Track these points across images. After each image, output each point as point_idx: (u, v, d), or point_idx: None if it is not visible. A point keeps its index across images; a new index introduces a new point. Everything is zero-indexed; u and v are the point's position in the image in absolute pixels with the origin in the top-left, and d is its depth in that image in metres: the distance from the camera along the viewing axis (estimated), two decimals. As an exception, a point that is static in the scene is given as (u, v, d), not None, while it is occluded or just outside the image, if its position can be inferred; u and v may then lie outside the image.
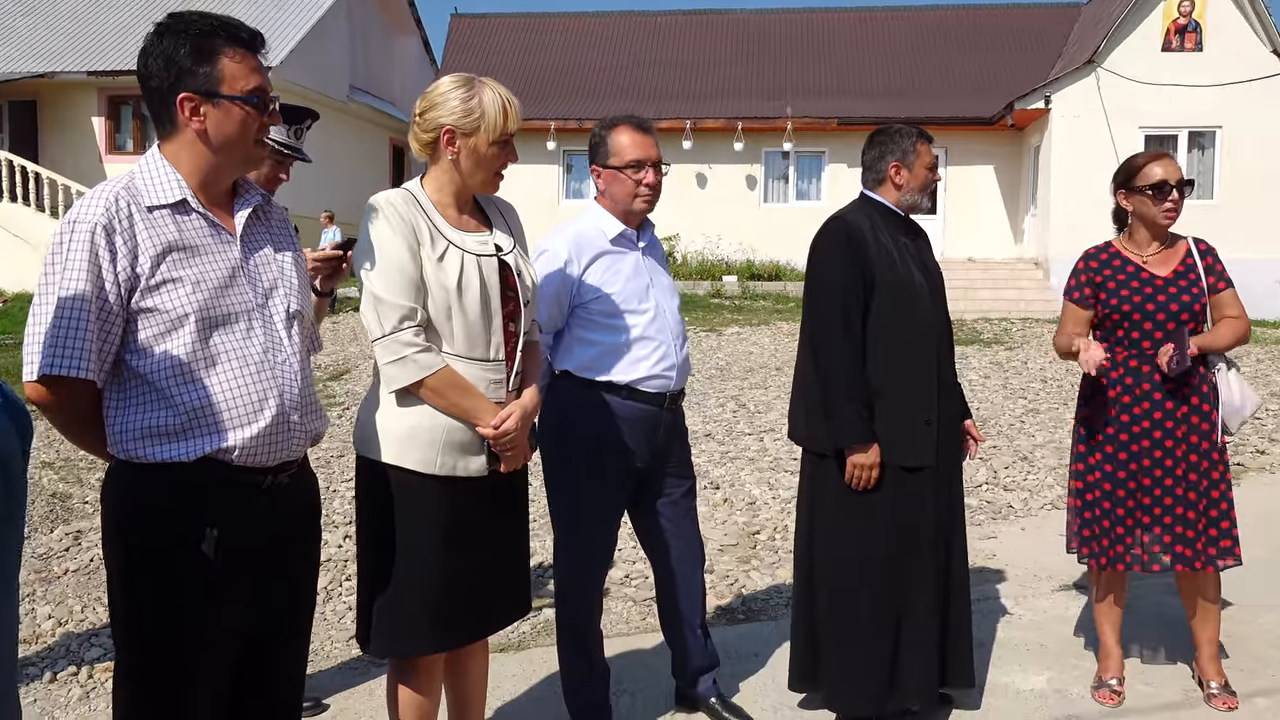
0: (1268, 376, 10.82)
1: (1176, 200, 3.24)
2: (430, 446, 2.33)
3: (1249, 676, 3.53)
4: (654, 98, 20.83)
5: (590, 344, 2.93)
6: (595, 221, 2.99)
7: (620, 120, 2.98)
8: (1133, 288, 3.28)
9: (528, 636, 3.93)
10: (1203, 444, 3.25)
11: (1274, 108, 16.33)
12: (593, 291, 2.91)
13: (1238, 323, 3.28)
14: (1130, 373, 3.28)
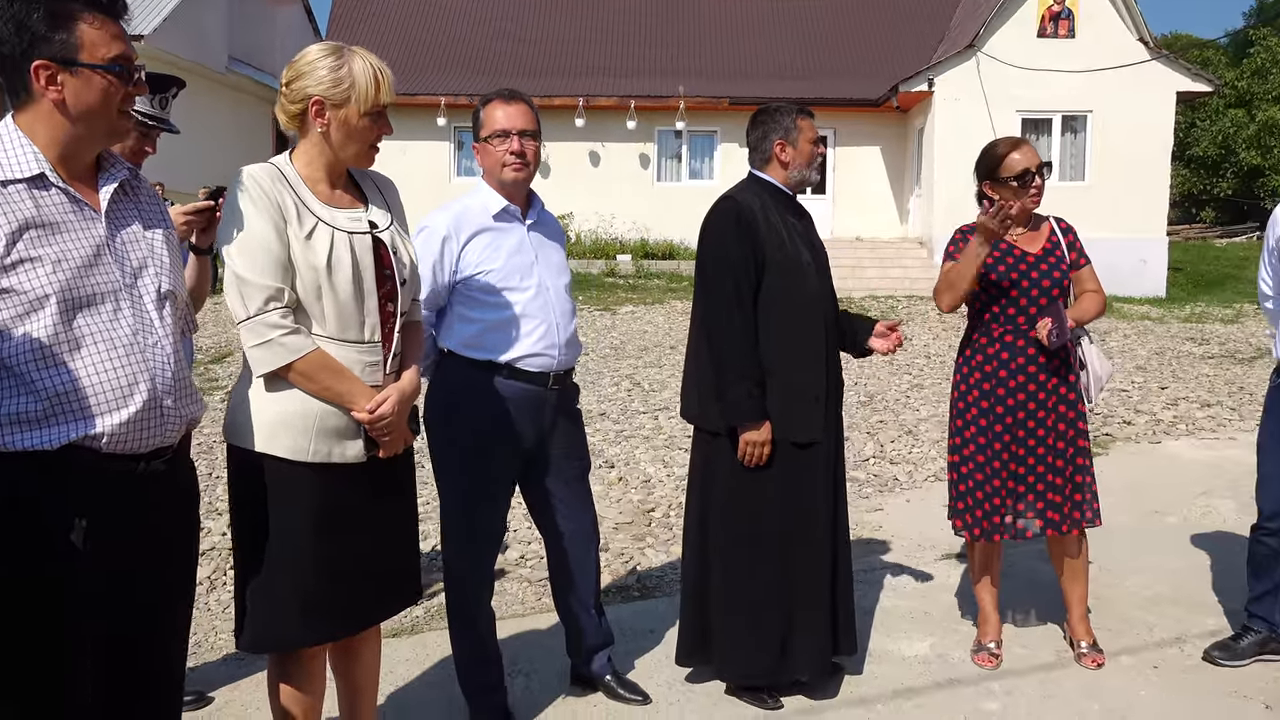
0: (1133, 350, 11.39)
1: (1039, 185, 3.37)
2: (302, 433, 2.25)
3: (1115, 636, 3.72)
4: (547, 74, 20.63)
5: (471, 321, 2.90)
6: (480, 198, 2.96)
7: (492, 95, 2.96)
8: (1008, 264, 3.40)
9: (421, 620, 3.88)
10: (1070, 413, 3.40)
11: (1141, 94, 17.10)
12: (473, 268, 2.87)
13: (1098, 296, 3.46)
14: (1006, 347, 3.40)
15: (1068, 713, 3.15)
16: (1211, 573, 4.44)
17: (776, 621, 3.12)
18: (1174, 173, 23.28)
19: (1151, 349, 11.55)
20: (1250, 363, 10.49)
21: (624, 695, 3.20)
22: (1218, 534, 4.98)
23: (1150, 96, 17.15)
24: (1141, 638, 3.74)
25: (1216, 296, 17.00)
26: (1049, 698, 3.25)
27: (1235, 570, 3.88)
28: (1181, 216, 32.35)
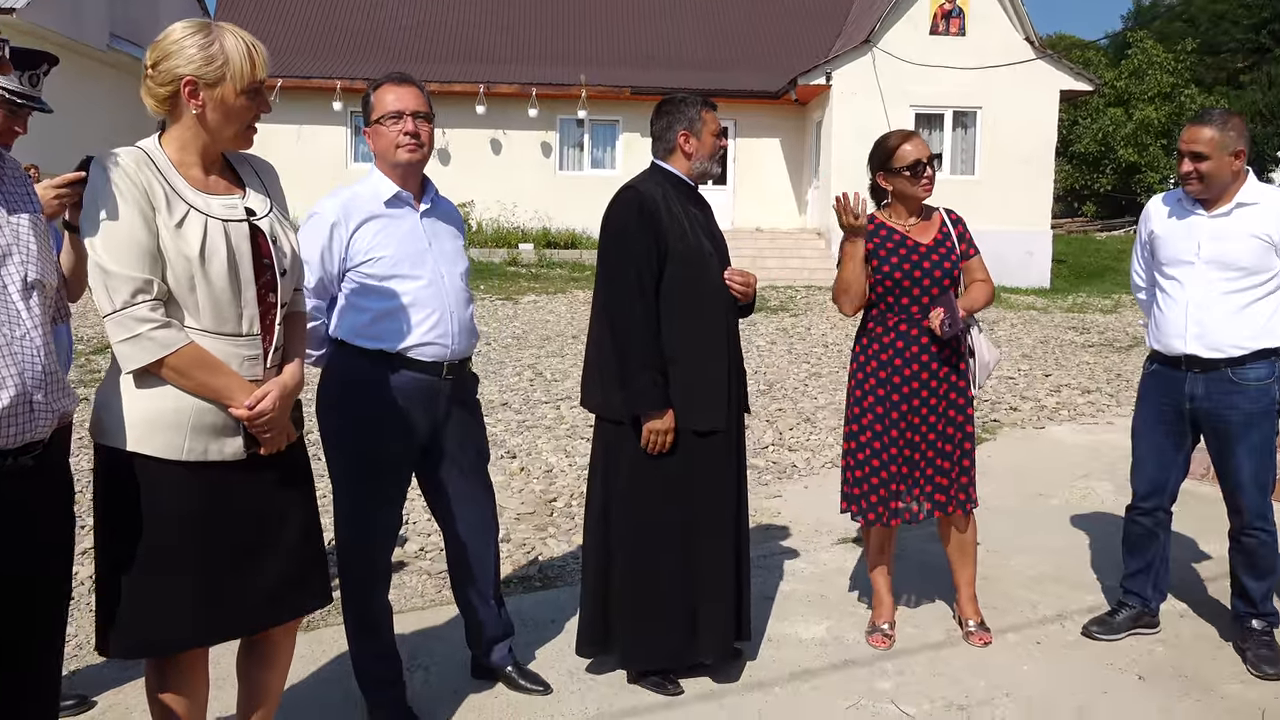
0: (1019, 339, 11.82)
1: (930, 175, 3.46)
2: (176, 430, 2.15)
3: (1001, 614, 3.86)
4: (447, 60, 20.33)
5: (362, 310, 2.84)
6: (370, 184, 2.90)
7: (383, 79, 2.91)
8: (901, 255, 3.49)
9: (317, 617, 3.79)
10: (959, 399, 3.51)
11: (1027, 91, 17.71)
12: (363, 255, 2.81)
13: (987, 286, 3.57)
14: (900, 336, 3.49)
15: (956, 690, 3.26)
16: (1090, 552, 4.64)
17: (679, 608, 3.15)
18: (1058, 168, 24.22)
19: (1037, 338, 12.01)
20: (1127, 351, 11.00)
21: (525, 685, 3.19)
22: (1096, 515, 5.21)
23: (1036, 94, 17.79)
24: (1025, 615, 3.89)
25: (1097, 287, 17.76)
26: (938, 675, 3.36)
27: (1112, 549, 4.07)
28: (1065, 210, 33.64)
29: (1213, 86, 38.15)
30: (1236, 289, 3.34)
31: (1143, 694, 3.25)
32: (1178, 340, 3.43)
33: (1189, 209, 3.45)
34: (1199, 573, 4.37)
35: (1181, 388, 3.45)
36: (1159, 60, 32.45)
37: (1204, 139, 3.30)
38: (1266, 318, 3.35)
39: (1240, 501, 3.43)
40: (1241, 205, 3.35)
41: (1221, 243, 3.35)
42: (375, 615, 2.98)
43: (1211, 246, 3.36)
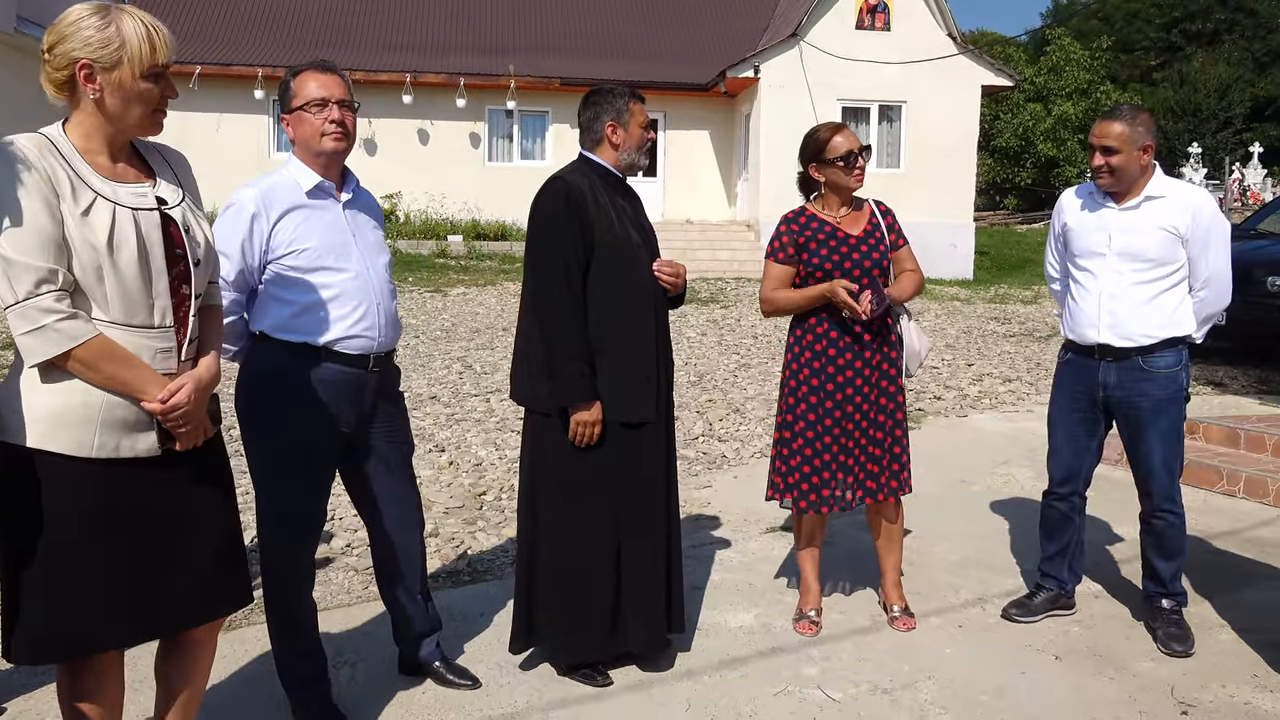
0: (943, 330, 12.06)
1: (862, 166, 3.52)
2: (85, 425, 2.08)
3: (925, 599, 3.95)
4: (372, 49, 20.00)
5: (285, 303, 2.78)
6: (291, 173, 2.84)
7: (304, 65, 2.85)
8: (831, 246, 3.53)
9: (239, 616, 3.71)
10: (890, 387, 3.57)
11: (950, 86, 18.06)
12: (285, 247, 2.75)
13: (916, 275, 3.63)
14: (834, 326, 3.53)
15: (880, 674, 3.32)
16: (1010, 536, 4.76)
17: (606, 601, 3.16)
18: (980, 162, 24.73)
19: (960, 328, 12.26)
20: (1046, 340, 11.29)
21: (453, 680, 3.17)
22: (1016, 500, 5.34)
23: (958, 89, 18.15)
24: (948, 599, 3.97)
25: (1017, 279, 18.19)
26: (864, 660, 3.42)
27: (1031, 534, 4.17)
28: (987, 203, 34.40)
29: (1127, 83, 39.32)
30: (1145, 280, 3.45)
31: (1059, 673, 3.35)
32: (1090, 330, 3.53)
33: (1100, 202, 3.55)
34: (1112, 555, 4.52)
35: (1095, 376, 3.55)
36: (1076, 57, 33.36)
37: (1114, 133, 3.40)
38: (1174, 308, 3.47)
39: (1150, 485, 3.55)
40: (1150, 199, 3.46)
41: (1131, 235, 3.46)
42: (299, 613, 2.93)
43: (1121, 239, 3.47)
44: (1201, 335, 3.56)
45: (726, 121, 20.33)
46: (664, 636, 3.33)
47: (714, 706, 3.10)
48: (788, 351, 3.65)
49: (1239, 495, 5.47)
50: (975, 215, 20.02)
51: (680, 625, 3.38)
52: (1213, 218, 3.46)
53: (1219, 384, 8.89)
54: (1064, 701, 3.15)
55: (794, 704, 3.12)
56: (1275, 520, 5.06)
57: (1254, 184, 26.60)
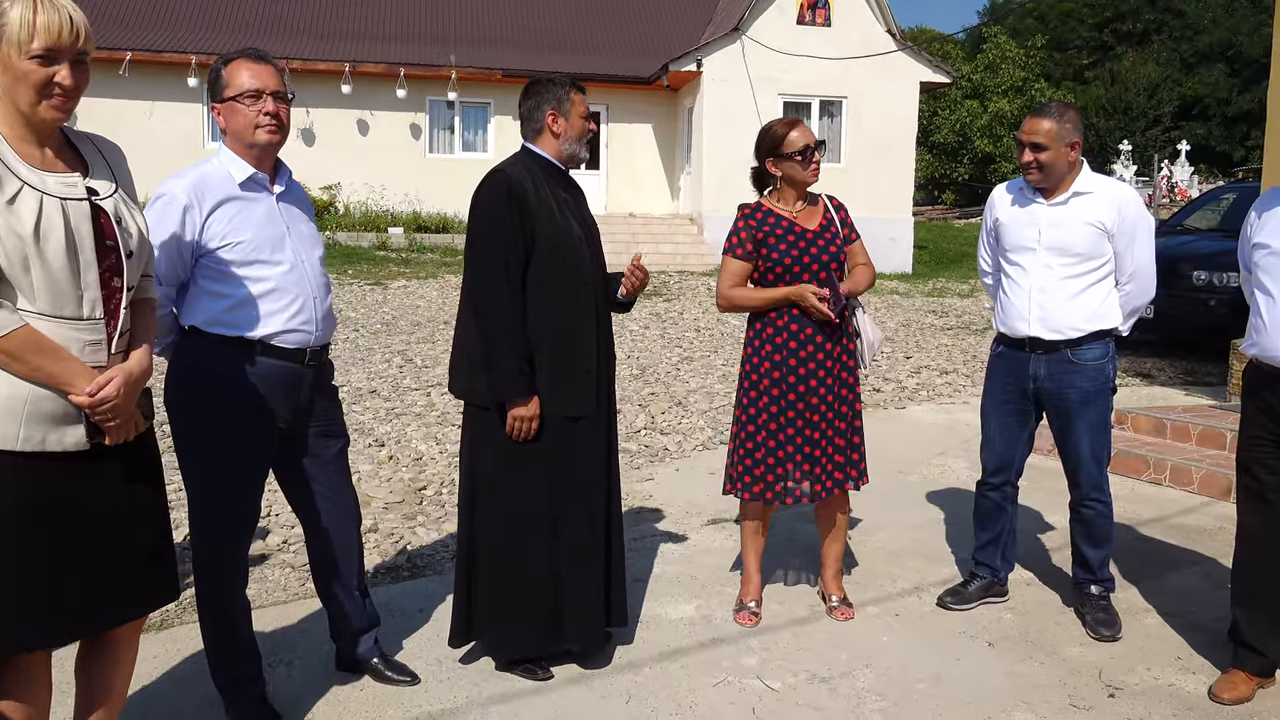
0: (883, 323, 12.22)
1: (818, 160, 3.55)
2: (9, 418, 2.03)
3: (862, 588, 4.00)
4: (310, 37, 19.68)
5: (219, 297, 2.72)
6: (222, 164, 2.77)
7: (236, 54, 2.78)
8: (789, 241, 3.56)
9: (171, 615, 3.64)
10: (849, 379, 3.61)
11: (889, 82, 18.29)
12: (219, 240, 2.69)
13: (868, 269, 3.67)
14: (794, 320, 3.55)
15: (819, 663, 3.36)
16: (946, 526, 4.85)
17: (546, 596, 3.15)
18: (919, 157, 25.06)
19: (899, 321, 12.44)
20: (982, 333, 11.50)
21: (392, 677, 3.14)
22: (952, 490, 5.44)
23: (897, 86, 18.39)
24: (886, 589, 4.03)
25: (955, 273, 18.50)
26: (802, 650, 3.46)
27: (966, 523, 4.25)
28: (925, 198, 34.93)
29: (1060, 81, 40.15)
30: (1074, 274, 3.52)
31: (992, 659, 3.42)
32: (1021, 323, 3.60)
33: (1030, 198, 3.62)
34: (1044, 543, 4.62)
35: (1026, 368, 3.63)
36: (1012, 55, 33.98)
37: (1043, 130, 3.46)
38: (1100, 301, 3.55)
39: (1079, 475, 3.63)
40: (1078, 194, 3.53)
41: (1060, 230, 3.53)
42: (233, 612, 2.88)
43: (1051, 233, 3.54)
44: (1128, 328, 3.65)
45: (669, 115, 20.36)
46: (604, 632, 3.33)
47: (654, 698, 3.11)
48: (747, 345, 3.67)
49: (1165, 483, 5.62)
50: (914, 210, 20.31)
51: (622, 619, 3.37)
52: (1138, 213, 3.54)
53: (1147, 375, 9.13)
54: (997, 687, 3.22)
55: (733, 694, 3.14)
56: (1199, 507, 5.21)
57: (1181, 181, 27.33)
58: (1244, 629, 3.18)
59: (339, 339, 9.65)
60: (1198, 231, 10.88)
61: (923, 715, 3.02)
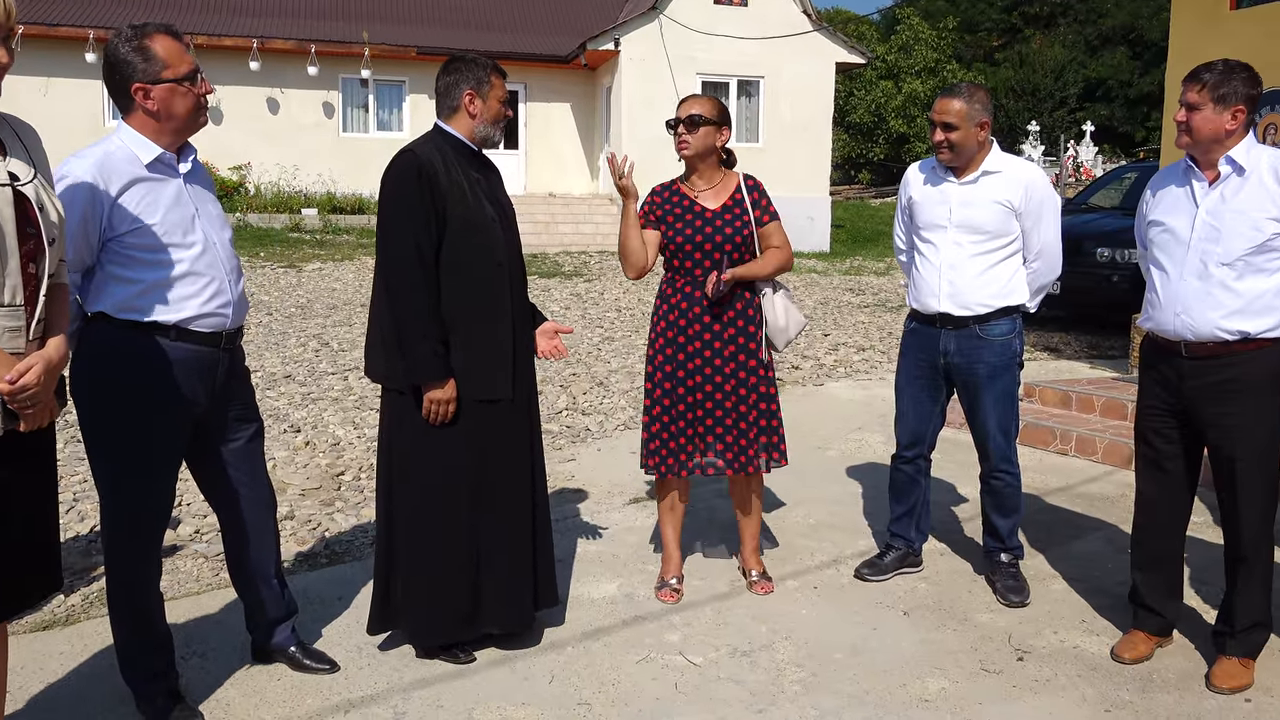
0: (801, 301, 12.37)
1: (681, 134, 3.55)
2: None
3: (781, 563, 4.06)
4: (215, 10, 19.08)
5: (129, 282, 2.62)
6: (125, 144, 2.65)
7: (150, 28, 2.65)
8: (687, 220, 3.57)
9: (78, 610, 3.53)
10: (750, 361, 3.62)
11: (806, 62, 18.46)
12: (128, 223, 2.59)
13: (779, 252, 3.66)
14: (686, 299, 3.58)
15: (740, 637, 3.40)
16: (863, 499, 4.95)
17: (465, 580, 3.12)
18: (835, 137, 25.39)
19: (817, 299, 12.62)
20: (898, 310, 11.73)
21: (310, 665, 3.09)
22: (869, 465, 5.55)
23: (814, 66, 18.57)
24: (804, 562, 4.10)
25: (872, 251, 18.81)
26: (723, 625, 3.50)
27: (883, 496, 4.34)
28: (842, 178, 35.38)
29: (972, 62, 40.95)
30: (982, 251, 3.61)
31: (907, 627, 3.51)
32: (932, 299, 3.68)
33: (941, 176, 3.69)
34: (956, 514, 4.75)
35: (937, 344, 3.71)
36: (925, 36, 34.52)
37: (953, 110, 3.53)
38: (1008, 278, 3.65)
39: (988, 447, 3.74)
40: (987, 173, 3.61)
41: (969, 208, 3.61)
42: (144, 604, 2.80)
43: (961, 212, 3.62)
44: (1035, 304, 3.75)
45: (588, 94, 20.25)
46: (529, 616, 3.30)
47: (577, 678, 3.12)
48: (650, 325, 3.68)
49: (1071, 454, 5.82)
50: (831, 189, 20.58)
51: (552, 600, 3.36)
52: (1044, 193, 3.64)
53: (1055, 350, 9.42)
54: (911, 654, 3.30)
55: (655, 670, 3.17)
56: (1103, 476, 5.41)
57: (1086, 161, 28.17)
58: (1143, 592, 3.32)
59: (252, 323, 9.42)
60: (1101, 210, 11.24)
61: (840, 685, 3.09)
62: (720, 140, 3.60)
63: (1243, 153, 3.01)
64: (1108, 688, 3.09)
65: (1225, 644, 3.15)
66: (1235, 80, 2.97)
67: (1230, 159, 3.01)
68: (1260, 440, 3.05)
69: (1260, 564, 3.10)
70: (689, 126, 3.53)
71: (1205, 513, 4.43)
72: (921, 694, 3.05)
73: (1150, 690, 3.08)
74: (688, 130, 3.54)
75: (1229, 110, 2.97)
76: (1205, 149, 3.04)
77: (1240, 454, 3.04)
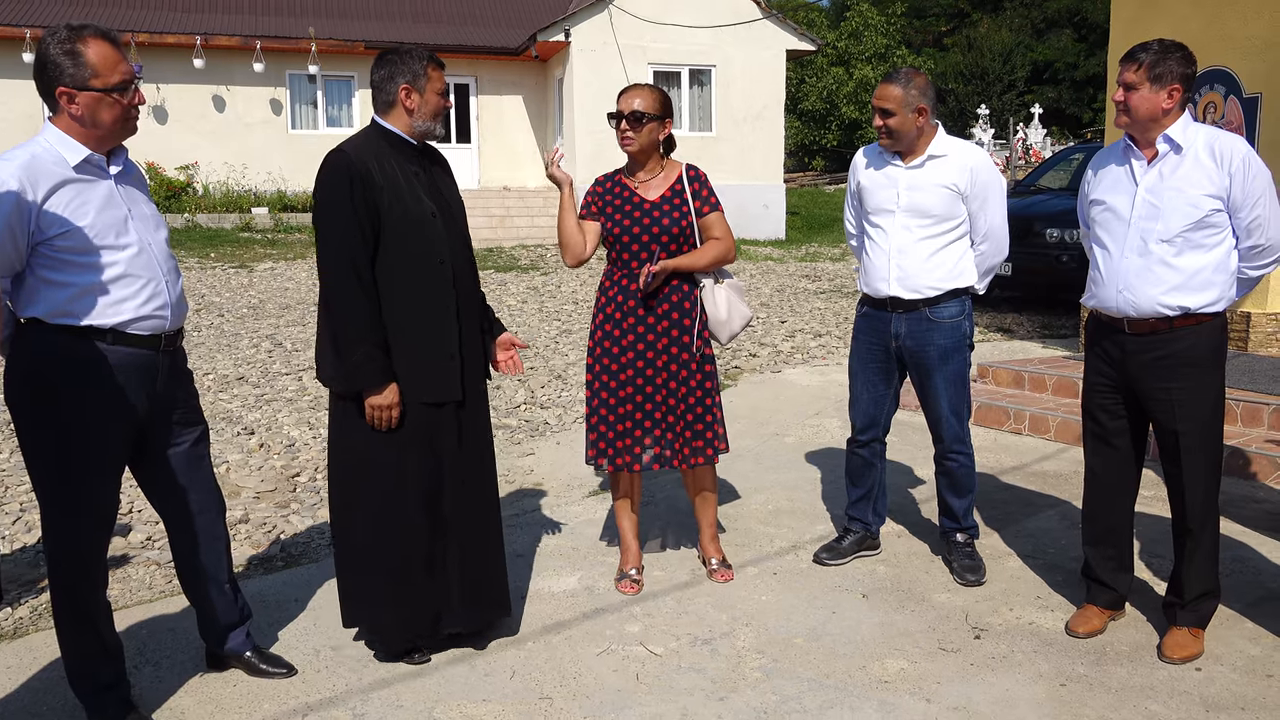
0: (758, 289, 12.42)
1: (625, 130, 3.53)
2: None
3: (741, 550, 4.08)
4: (157, 7, 18.73)
5: (61, 286, 2.56)
6: (51, 145, 2.58)
7: (87, 31, 2.56)
8: (625, 211, 3.56)
9: (26, 622, 3.46)
10: (682, 355, 3.60)
11: (757, 50, 18.49)
12: (57, 226, 2.52)
13: (719, 244, 3.64)
14: (622, 291, 3.57)
15: (700, 626, 3.41)
16: (821, 484, 4.98)
17: (420, 584, 3.08)
18: (788, 124, 25.49)
19: (774, 286, 12.66)
20: (853, 296, 11.81)
21: (266, 670, 3.05)
22: (826, 450, 5.58)
23: (765, 53, 18.59)
24: (764, 549, 4.12)
25: (827, 238, 18.91)
26: (684, 614, 3.50)
27: (840, 480, 4.37)
28: (796, 165, 35.53)
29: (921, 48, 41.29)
30: (930, 235, 3.64)
31: (867, 610, 3.53)
32: (882, 283, 3.70)
33: (888, 160, 3.71)
34: (913, 496, 4.79)
35: (888, 327, 3.73)
36: (874, 23, 34.74)
37: (891, 96, 3.55)
38: (956, 261, 3.68)
39: (941, 429, 3.77)
40: (933, 157, 3.64)
41: (916, 192, 3.63)
42: (91, 613, 2.74)
43: (908, 196, 3.64)
44: (984, 286, 3.79)
45: (539, 86, 20.14)
46: (484, 618, 3.26)
47: (539, 671, 3.11)
48: (591, 315, 3.68)
49: (1025, 433, 5.90)
50: (785, 177, 20.67)
51: (504, 609, 3.30)
52: (989, 176, 3.67)
53: (1007, 330, 9.54)
54: (871, 636, 3.33)
55: (617, 662, 3.17)
56: (1056, 454, 5.49)
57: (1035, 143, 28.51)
58: (1095, 566, 3.37)
59: (203, 325, 9.27)
60: (1050, 191, 11.39)
61: (801, 669, 3.11)
62: (663, 134, 3.60)
63: (1180, 131, 3.05)
64: (1063, 662, 3.14)
65: (1175, 615, 3.21)
66: (1171, 60, 3.01)
67: (1167, 137, 3.06)
68: (1203, 414, 3.10)
69: (1207, 535, 3.16)
70: (632, 123, 3.51)
71: (1155, 487, 4.51)
72: (881, 675, 3.07)
73: (1104, 663, 3.13)
74: (631, 127, 3.52)
75: (1165, 89, 3.01)
76: (1143, 128, 3.08)
77: (1184, 428, 3.09)
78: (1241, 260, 3.09)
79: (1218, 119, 6.53)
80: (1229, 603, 3.46)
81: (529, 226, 17.46)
